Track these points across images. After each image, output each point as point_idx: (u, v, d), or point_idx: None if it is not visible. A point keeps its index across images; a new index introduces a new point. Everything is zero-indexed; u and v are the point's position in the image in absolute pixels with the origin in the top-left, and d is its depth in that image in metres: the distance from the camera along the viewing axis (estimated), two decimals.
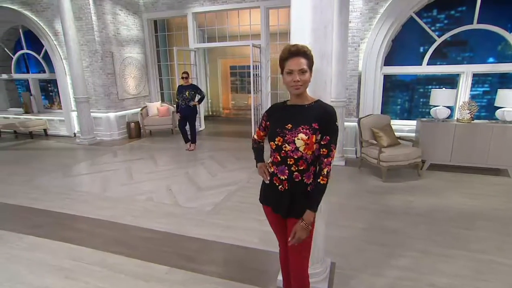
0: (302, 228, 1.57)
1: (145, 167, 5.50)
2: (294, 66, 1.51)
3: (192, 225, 3.36)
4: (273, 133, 1.63)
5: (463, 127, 4.72)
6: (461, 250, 2.80)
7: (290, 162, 1.57)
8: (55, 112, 8.65)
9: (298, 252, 1.71)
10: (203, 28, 8.59)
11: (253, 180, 4.61)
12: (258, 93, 7.59)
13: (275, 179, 1.65)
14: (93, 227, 3.38)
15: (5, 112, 8.80)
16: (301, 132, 1.53)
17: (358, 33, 5.48)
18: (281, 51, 1.57)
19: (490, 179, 4.55)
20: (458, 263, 2.61)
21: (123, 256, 2.82)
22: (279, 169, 1.62)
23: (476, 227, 3.20)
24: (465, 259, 2.67)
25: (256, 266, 2.65)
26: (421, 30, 5.45)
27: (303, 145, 1.53)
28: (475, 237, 3.03)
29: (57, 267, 2.69)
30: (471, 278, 2.42)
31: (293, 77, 1.52)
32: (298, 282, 1.78)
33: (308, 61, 1.53)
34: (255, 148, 1.94)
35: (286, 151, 1.57)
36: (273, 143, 1.61)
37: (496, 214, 3.48)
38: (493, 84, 5.58)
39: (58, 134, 8.20)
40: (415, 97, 6.38)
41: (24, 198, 4.20)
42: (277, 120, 1.65)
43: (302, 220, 1.58)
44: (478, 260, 2.66)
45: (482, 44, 5.37)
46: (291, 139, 1.54)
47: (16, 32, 8.35)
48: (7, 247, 3.02)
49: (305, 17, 1.90)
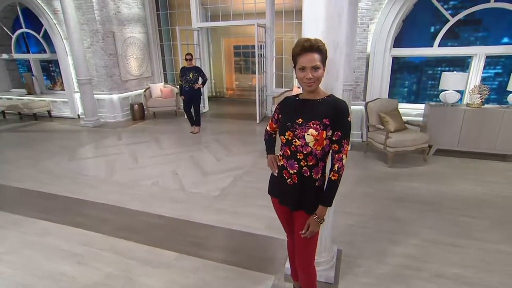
0: (316, 223, 1.60)
1: (149, 150, 5.52)
2: (307, 63, 1.46)
3: (199, 211, 3.41)
4: (284, 127, 1.61)
5: (472, 112, 4.64)
6: (469, 239, 2.82)
7: (299, 156, 1.56)
8: (58, 93, 8.58)
9: (305, 244, 1.73)
10: (206, 6, 8.34)
11: (259, 165, 4.62)
12: (262, 74, 7.49)
13: (285, 172, 1.65)
14: (101, 213, 3.44)
15: (8, 93, 8.74)
16: (311, 128, 1.50)
17: (367, 13, 5.29)
18: (294, 44, 1.51)
19: (497, 165, 4.53)
20: (465, 253, 2.64)
21: (132, 242, 2.88)
22: (289, 163, 1.61)
23: (483, 216, 3.21)
24: (473, 248, 2.69)
25: (264, 253, 2.70)
26: (433, 9, 5.25)
27: (312, 141, 1.51)
28: (482, 226, 3.04)
29: (69, 252, 2.75)
30: (478, 269, 2.45)
31: (305, 74, 1.47)
32: (305, 272, 1.82)
33: (321, 56, 1.48)
34: (266, 139, 1.93)
35: (296, 145, 1.55)
36: (283, 137, 1.60)
37: (504, 202, 3.48)
38: (506, 66, 5.41)
39: (62, 115, 8.20)
40: (423, 79, 6.25)
41: (32, 181, 4.26)
42: (289, 114, 1.63)
43: (315, 214, 1.60)
44: (484, 249, 2.68)
45: (497, 24, 5.15)
46: (301, 134, 1.52)
47: (13, 9, 8.11)
48: (22, 232, 3.09)
49: (318, 5, 1.82)
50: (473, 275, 2.38)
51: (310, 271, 1.83)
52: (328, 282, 2.31)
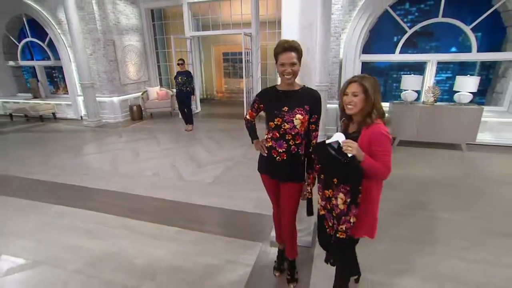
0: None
1: (148, 146, 5.66)
2: (286, 60, 1.71)
3: (196, 195, 3.61)
4: (271, 115, 1.83)
5: (427, 108, 5.03)
6: (421, 210, 3.18)
7: (288, 137, 1.81)
8: (61, 96, 8.60)
9: (290, 209, 1.99)
10: (197, 17, 8.51)
11: (247, 156, 4.85)
12: (249, 78, 7.71)
13: (274, 152, 1.89)
14: (110, 198, 3.60)
15: (14, 97, 8.70)
16: (298, 114, 1.76)
17: (339, 24, 5.62)
18: (276, 44, 1.75)
19: (448, 153, 4.93)
20: (413, 220, 2.99)
21: (140, 220, 3.08)
22: (278, 143, 1.85)
23: (432, 192, 3.57)
24: (422, 217, 3.04)
25: (253, 227, 2.94)
26: (394, 22, 5.63)
27: (299, 124, 1.78)
28: (431, 199, 3.40)
29: (85, 230, 2.94)
30: (425, 231, 2.79)
31: (285, 68, 1.73)
32: (288, 230, 2.07)
33: (297, 55, 1.73)
34: (248, 127, 2.15)
35: (285, 129, 1.80)
36: (273, 123, 1.83)
37: (447, 182, 3.86)
38: (454, 70, 5.88)
39: (66, 117, 8.21)
40: (388, 81, 6.63)
41: (45, 174, 4.36)
42: (273, 104, 1.85)
43: (305, 181, 1.94)
44: (434, 217, 3.03)
45: (446, 35, 5.59)
46: (290, 119, 1.77)
47: (19, 20, 8.11)
48: (41, 215, 3.24)
49: (293, 17, 2.09)
50: (421, 236, 2.72)
51: (293, 231, 2.09)
52: (307, 246, 2.57)
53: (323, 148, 1.56)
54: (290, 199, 1.96)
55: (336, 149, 1.51)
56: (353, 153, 1.45)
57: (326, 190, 1.68)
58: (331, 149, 1.52)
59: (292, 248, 2.17)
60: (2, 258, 2.55)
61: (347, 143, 1.47)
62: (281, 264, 2.32)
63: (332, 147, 1.52)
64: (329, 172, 1.64)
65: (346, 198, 1.56)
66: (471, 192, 3.58)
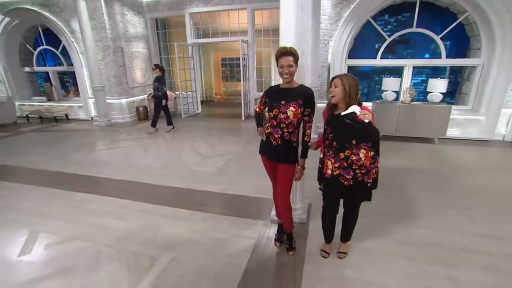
0: (300, 170, 2.18)
1: (156, 143, 5.85)
2: (284, 62, 1.99)
3: (203, 183, 3.84)
4: (271, 107, 2.11)
5: (405, 107, 5.35)
6: (396, 192, 3.49)
7: (283, 126, 2.08)
8: (72, 99, 8.74)
9: (284, 186, 2.25)
10: (198, 26, 8.72)
11: (247, 150, 5.09)
12: (246, 81, 7.94)
13: (271, 137, 2.15)
14: (128, 186, 3.82)
15: (29, 100, 8.82)
16: (291, 106, 2.03)
17: (327, 32, 5.90)
18: (276, 50, 2.02)
19: (423, 146, 5.26)
20: (390, 200, 3.29)
21: (156, 204, 3.30)
22: (274, 130, 2.12)
23: (409, 178, 3.89)
24: (398, 198, 3.35)
25: (255, 208, 3.20)
26: (376, 31, 5.94)
27: (292, 115, 2.04)
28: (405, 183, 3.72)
29: (108, 212, 3.16)
30: (400, 209, 3.10)
31: (284, 69, 2.00)
32: (284, 206, 2.32)
33: (294, 58, 1.99)
34: (256, 117, 2.41)
35: (280, 118, 2.07)
36: (272, 113, 2.10)
37: (420, 170, 4.18)
38: (428, 74, 6.23)
39: (78, 118, 8.36)
40: (371, 84, 6.94)
41: (63, 168, 4.53)
42: (274, 98, 2.13)
43: (299, 165, 2.17)
44: (407, 198, 3.34)
45: (420, 43, 5.91)
46: (284, 111, 2.04)
47: (35, 30, 8.25)
48: (66, 201, 3.45)
49: (290, 26, 2.36)
50: (397, 212, 3.02)
51: (288, 205, 2.33)
52: (302, 223, 2.85)
53: (340, 120, 1.92)
54: (283, 178, 2.21)
55: (352, 119, 1.86)
56: (369, 119, 1.78)
57: (341, 153, 1.96)
58: (347, 119, 1.88)
59: (289, 221, 2.42)
60: (40, 235, 2.77)
61: (363, 112, 1.80)
62: (281, 236, 2.59)
63: (349, 118, 1.87)
64: (347, 137, 1.94)
65: (369, 152, 1.92)
66: (441, 178, 3.91)
